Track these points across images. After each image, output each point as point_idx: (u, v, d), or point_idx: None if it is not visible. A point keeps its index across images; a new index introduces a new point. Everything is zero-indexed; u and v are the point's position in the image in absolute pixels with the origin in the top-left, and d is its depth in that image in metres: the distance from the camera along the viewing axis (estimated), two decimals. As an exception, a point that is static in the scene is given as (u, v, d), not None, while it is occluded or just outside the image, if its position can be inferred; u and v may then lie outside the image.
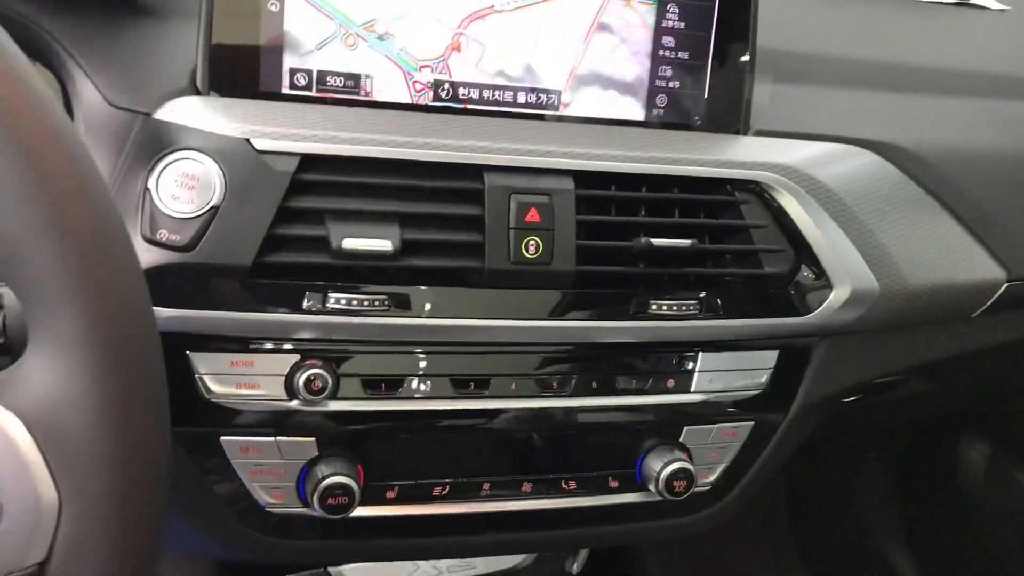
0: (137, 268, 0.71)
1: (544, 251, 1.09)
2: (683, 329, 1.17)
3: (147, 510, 0.69)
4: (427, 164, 1.07)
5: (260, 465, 1.08)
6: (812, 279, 1.22)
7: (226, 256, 1.00)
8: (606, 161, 1.13)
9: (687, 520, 1.30)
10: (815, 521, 2.53)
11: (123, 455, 0.66)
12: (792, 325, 1.22)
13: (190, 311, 1.00)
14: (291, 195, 1.02)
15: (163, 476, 0.71)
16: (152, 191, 0.99)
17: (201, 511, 1.11)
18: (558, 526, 1.23)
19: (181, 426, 1.03)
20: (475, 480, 1.17)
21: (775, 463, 1.31)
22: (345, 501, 1.07)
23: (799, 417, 1.29)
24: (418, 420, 1.12)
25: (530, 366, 1.14)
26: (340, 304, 1.04)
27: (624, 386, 1.18)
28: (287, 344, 1.06)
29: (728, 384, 1.22)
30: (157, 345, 0.72)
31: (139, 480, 0.68)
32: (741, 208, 1.19)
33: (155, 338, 0.71)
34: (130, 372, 0.67)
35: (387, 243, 1.03)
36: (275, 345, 1.05)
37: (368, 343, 1.08)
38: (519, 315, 1.10)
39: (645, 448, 1.22)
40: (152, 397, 0.70)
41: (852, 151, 1.29)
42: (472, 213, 1.08)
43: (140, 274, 0.72)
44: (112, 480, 0.65)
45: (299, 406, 1.06)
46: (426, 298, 1.07)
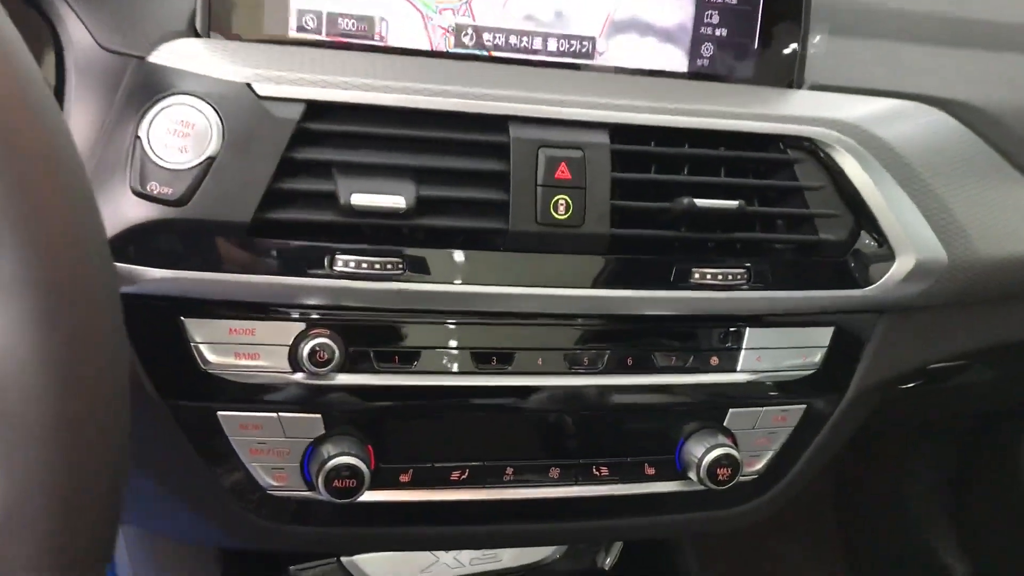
0: (90, 201, 0.62)
1: (575, 212, 0.98)
2: (728, 301, 1.06)
3: (98, 481, 0.59)
4: (447, 114, 0.97)
5: (261, 443, 0.98)
6: (872, 248, 1.11)
7: (223, 212, 0.91)
8: (645, 114, 1.02)
9: (731, 513, 1.18)
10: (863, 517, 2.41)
11: (68, 415, 0.56)
12: (849, 299, 1.10)
13: (184, 272, 0.91)
14: (295, 146, 0.93)
15: (119, 442, 0.61)
16: (143, 140, 0.90)
17: (197, 493, 1.02)
18: (588, 516, 1.13)
19: (175, 399, 0.96)
20: (497, 464, 1.06)
21: (827, 451, 1.20)
22: (353, 484, 0.97)
23: (855, 402, 1.17)
24: (434, 397, 1.02)
25: (558, 340, 1.04)
26: (349, 267, 0.94)
27: (662, 364, 1.07)
28: (291, 311, 0.96)
29: (777, 363, 1.11)
30: (114, 291, 0.62)
31: (89, 445, 0.58)
32: (795, 168, 1.08)
33: (111, 282, 0.62)
34: (78, 319, 0.57)
35: (400, 200, 0.93)
36: (278, 312, 0.96)
37: (380, 311, 0.98)
38: (546, 283, 1.00)
39: (685, 433, 1.11)
40: (106, 349, 0.60)
41: (918, 108, 1.18)
42: (496, 168, 0.98)
43: (94, 208, 0.62)
44: (53, 444, 0.56)
45: (304, 379, 0.97)
46: (444, 262, 0.97)
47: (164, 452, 0.99)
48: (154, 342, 0.94)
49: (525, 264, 0.99)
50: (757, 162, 1.08)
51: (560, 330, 1.04)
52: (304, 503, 1.03)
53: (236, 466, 0.99)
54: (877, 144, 1.10)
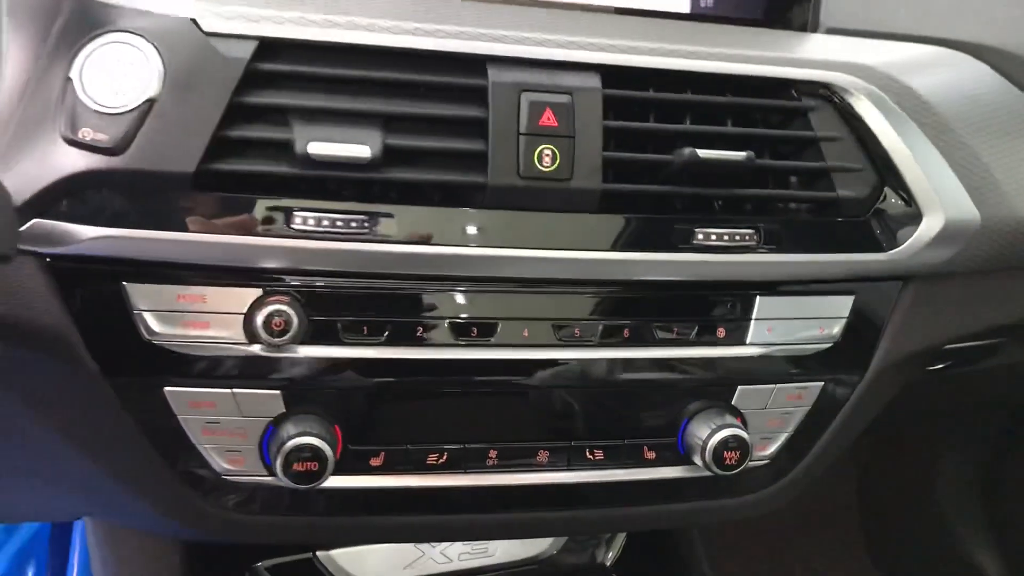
0: None
1: (562, 163, 0.88)
2: (736, 265, 0.95)
3: None
4: (418, 54, 0.88)
5: (214, 423, 0.89)
6: (897, 207, 1.00)
7: (164, 161, 0.81)
8: (642, 56, 0.92)
9: (741, 502, 1.08)
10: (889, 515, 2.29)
11: None
12: (871, 263, 1.00)
13: (122, 230, 0.82)
14: (246, 88, 0.83)
15: None
16: (75, 82, 0.81)
17: (144, 479, 0.92)
18: (581, 505, 1.03)
19: (117, 374, 0.86)
20: (478, 447, 0.96)
21: (847, 435, 1.09)
22: (315, 468, 0.87)
23: (877, 380, 1.06)
24: (407, 373, 0.92)
25: (545, 308, 0.94)
26: (308, 225, 0.85)
27: (662, 336, 0.97)
28: (245, 275, 0.86)
29: (791, 336, 1.00)
30: None
31: None
32: (809, 117, 0.97)
33: None
34: None
35: (364, 149, 0.84)
36: (231, 276, 0.86)
37: (345, 276, 0.88)
38: (531, 244, 0.90)
39: (689, 413, 1.00)
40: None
41: (949, 56, 1.07)
42: (473, 115, 0.88)
43: None
44: None
45: (261, 352, 0.87)
46: (415, 220, 0.88)
47: (107, 434, 0.89)
48: (93, 310, 0.85)
49: (507, 223, 0.89)
50: (767, 111, 0.98)
51: (547, 298, 0.93)
52: (263, 489, 0.93)
53: (187, 449, 0.89)
54: (902, 92, 1.00)
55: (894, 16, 1.07)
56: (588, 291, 0.94)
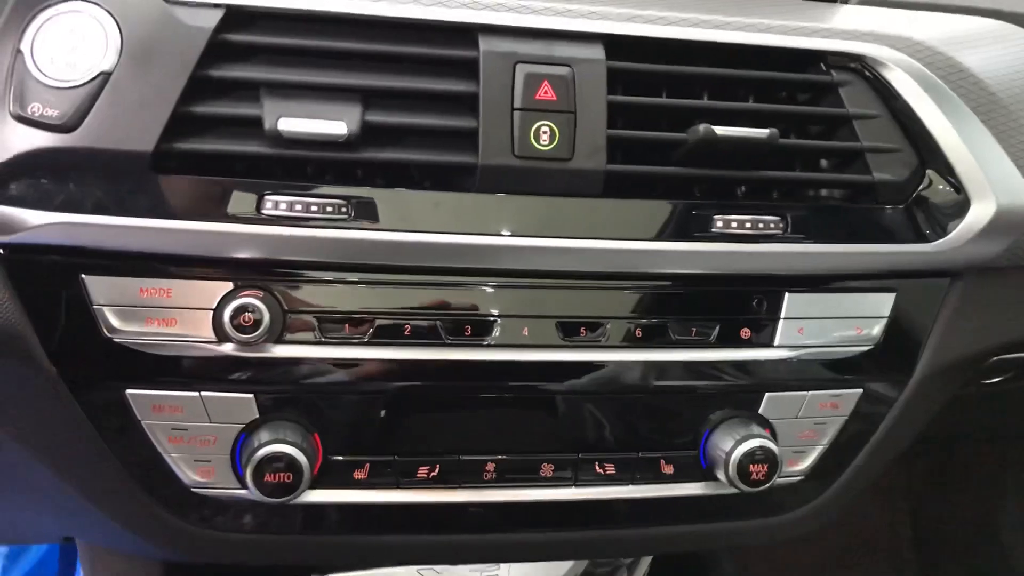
0: None
1: (562, 141, 0.80)
2: (760, 257, 0.86)
3: None
4: (402, 24, 0.80)
5: (181, 430, 0.81)
6: (942, 192, 0.90)
7: (120, 139, 0.75)
8: (651, 24, 0.84)
9: (770, 523, 0.97)
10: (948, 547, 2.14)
11: None
12: (913, 256, 0.90)
13: (77, 216, 0.75)
14: (210, 60, 0.77)
15: None
16: (25, 54, 0.75)
17: (106, 491, 0.85)
18: (590, 525, 0.93)
19: (74, 375, 0.79)
20: (474, 459, 0.87)
21: (890, 450, 0.98)
22: (289, 479, 0.79)
23: (923, 388, 0.96)
24: (394, 376, 0.84)
25: (547, 304, 0.85)
26: (280, 210, 0.77)
27: (679, 336, 0.87)
28: (214, 267, 0.79)
29: (825, 337, 0.90)
30: None
31: None
32: (840, 93, 0.88)
33: None
34: None
35: (340, 125, 0.77)
36: (199, 268, 0.79)
37: (323, 267, 0.80)
38: (529, 231, 0.82)
39: (711, 423, 0.91)
40: None
41: (1002, 28, 0.96)
42: (463, 89, 0.81)
43: None
44: None
45: (232, 351, 0.79)
46: (399, 205, 0.80)
47: (65, 440, 0.82)
48: (49, 305, 0.78)
49: (502, 207, 0.81)
50: (793, 86, 0.89)
51: (549, 293, 0.84)
52: (236, 504, 0.85)
53: (151, 457, 0.82)
54: (948, 66, 0.90)
55: (936, -15, 0.98)
56: (594, 285, 0.85)
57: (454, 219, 0.80)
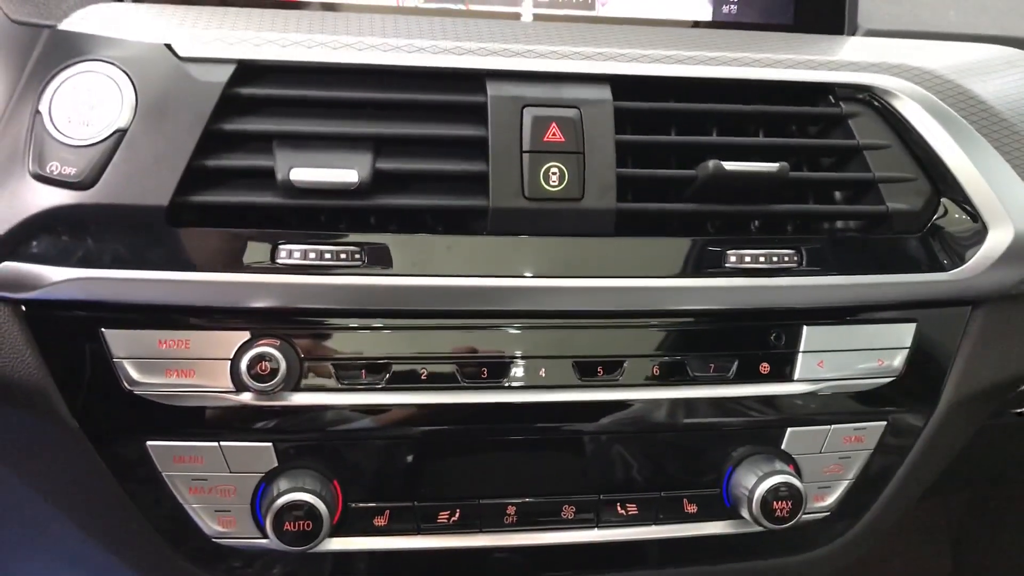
0: None
1: (571, 182, 0.80)
2: (776, 291, 0.85)
3: None
4: (409, 72, 0.82)
5: (201, 480, 0.81)
6: (958, 220, 0.89)
7: (136, 194, 0.76)
8: (657, 64, 0.84)
9: (798, 561, 0.95)
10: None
11: None
12: (932, 285, 0.89)
13: (95, 271, 0.76)
14: (223, 114, 0.78)
15: None
16: (43, 115, 0.77)
17: (127, 543, 0.85)
18: (615, 566, 0.92)
19: (96, 427, 0.80)
20: (495, 503, 0.86)
21: (918, 484, 0.96)
22: (309, 527, 0.79)
23: (949, 419, 0.94)
24: (412, 421, 0.83)
25: (564, 345, 0.84)
26: (294, 258, 0.78)
27: (697, 372, 0.86)
28: (230, 317, 0.79)
29: (846, 370, 0.89)
30: None
31: None
32: (850, 124, 0.88)
33: None
34: None
35: (351, 174, 0.77)
36: (215, 319, 0.79)
37: (338, 314, 0.81)
38: (542, 272, 0.82)
39: (734, 460, 0.89)
40: None
41: (1011, 55, 0.97)
42: (471, 134, 0.81)
43: None
44: None
45: (250, 400, 0.80)
46: (412, 250, 0.80)
47: (88, 493, 0.83)
48: (70, 359, 0.79)
49: (514, 249, 0.82)
50: (802, 119, 0.89)
51: (565, 333, 0.84)
52: (257, 554, 0.85)
53: (173, 508, 0.82)
54: (958, 94, 0.90)
55: (943, 15, 0.98)
56: (610, 324, 0.85)
57: (467, 262, 0.81)
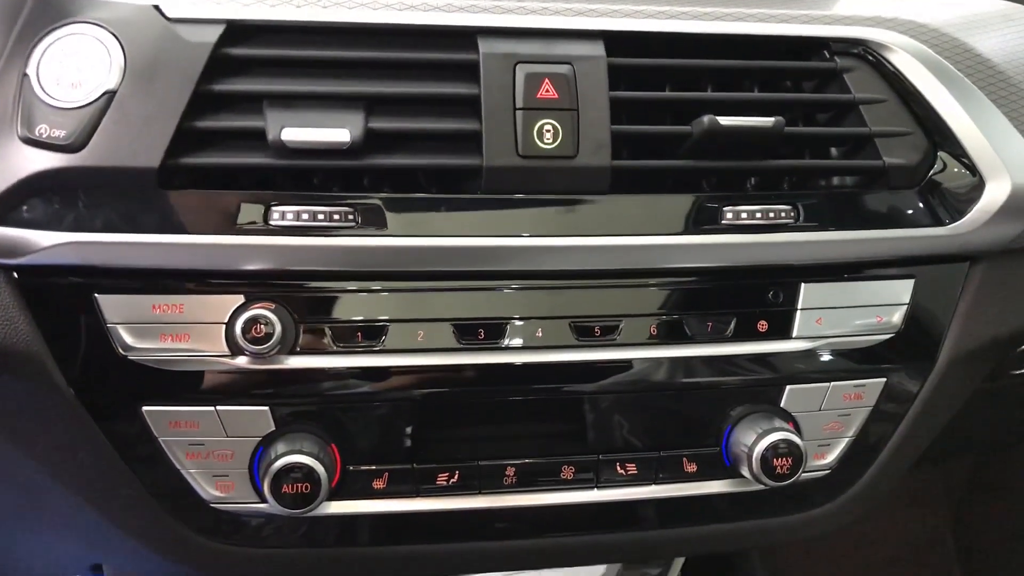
0: None
1: (565, 139, 0.80)
2: (773, 247, 0.85)
3: None
4: (401, 31, 0.81)
5: (198, 445, 0.81)
6: (956, 174, 0.89)
7: (126, 156, 0.76)
8: (650, 19, 0.84)
9: (799, 520, 0.95)
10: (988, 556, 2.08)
11: None
12: (929, 240, 0.88)
13: (87, 235, 0.76)
14: (212, 75, 0.78)
15: None
16: (31, 78, 0.76)
17: (126, 511, 0.84)
18: (615, 527, 0.91)
19: (90, 393, 0.79)
20: (494, 464, 0.86)
21: (920, 439, 0.96)
22: (307, 489, 0.78)
23: (949, 375, 0.93)
24: (409, 383, 0.83)
25: (560, 305, 0.84)
26: (287, 220, 0.77)
27: (695, 331, 0.86)
28: (224, 280, 0.79)
29: (845, 327, 0.89)
30: None
31: None
32: (846, 79, 0.87)
33: None
34: None
35: (343, 133, 0.77)
36: (209, 283, 0.79)
37: (333, 276, 0.80)
38: (537, 231, 0.81)
39: (733, 418, 0.89)
40: None
41: (1010, 9, 0.96)
42: (464, 92, 0.81)
43: None
44: None
45: (246, 364, 0.79)
46: (406, 209, 0.80)
47: (85, 461, 0.82)
48: (63, 325, 0.78)
49: (509, 209, 0.81)
50: (797, 75, 0.89)
51: (561, 293, 0.84)
52: (257, 518, 0.84)
53: (170, 474, 0.82)
54: (957, 49, 0.90)
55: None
56: (607, 284, 0.84)
57: (461, 222, 0.80)
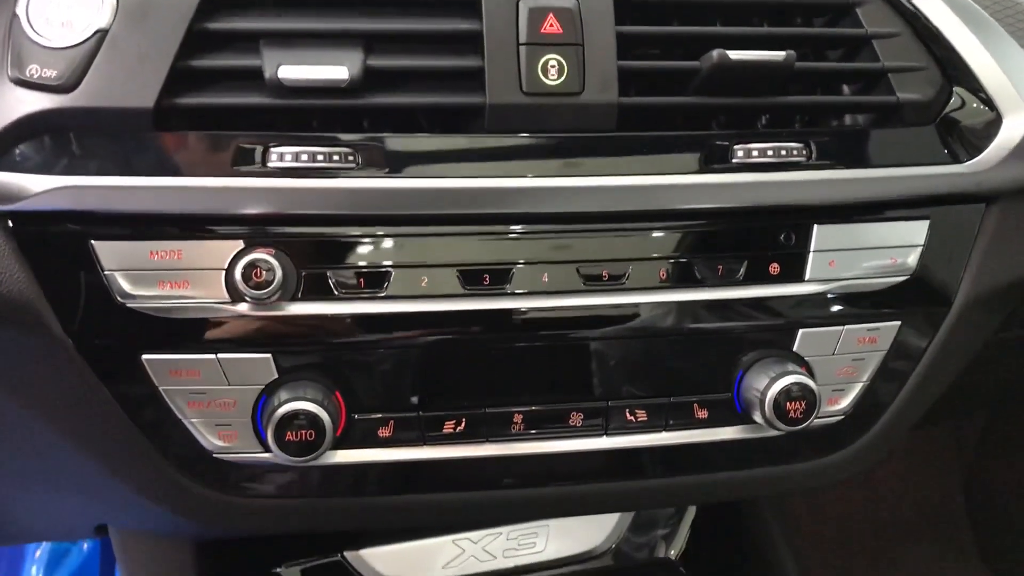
0: None
1: (571, 75, 0.78)
2: (784, 187, 0.83)
3: None
4: None
5: (199, 393, 0.79)
6: (972, 110, 0.86)
7: (120, 96, 0.74)
8: None
9: (813, 467, 0.93)
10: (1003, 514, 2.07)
11: None
12: (944, 178, 0.86)
13: (81, 178, 0.74)
14: (207, 13, 0.76)
15: None
16: (20, 17, 0.74)
17: (126, 460, 0.83)
18: (624, 475, 0.90)
19: (89, 342, 0.77)
20: (501, 411, 0.84)
21: (935, 385, 0.94)
22: (311, 437, 0.77)
23: (965, 318, 0.91)
24: (414, 329, 0.81)
25: (567, 249, 0.82)
26: (286, 161, 0.76)
27: (705, 275, 0.84)
28: (223, 226, 0.77)
29: (858, 269, 0.86)
30: None
31: None
32: (858, 14, 0.84)
33: None
34: None
35: (342, 71, 0.75)
36: (208, 228, 0.77)
37: (334, 220, 0.78)
38: (542, 171, 0.79)
39: (744, 364, 0.87)
40: None
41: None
42: (465, 28, 0.79)
43: None
44: None
45: (246, 310, 0.77)
46: (408, 151, 0.78)
47: (83, 412, 0.80)
48: (60, 273, 0.76)
49: (513, 148, 0.79)
50: (808, 9, 0.86)
51: (568, 236, 0.82)
52: (260, 468, 0.83)
53: (172, 424, 0.80)
54: None
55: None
56: (615, 227, 0.82)
57: (464, 162, 0.78)
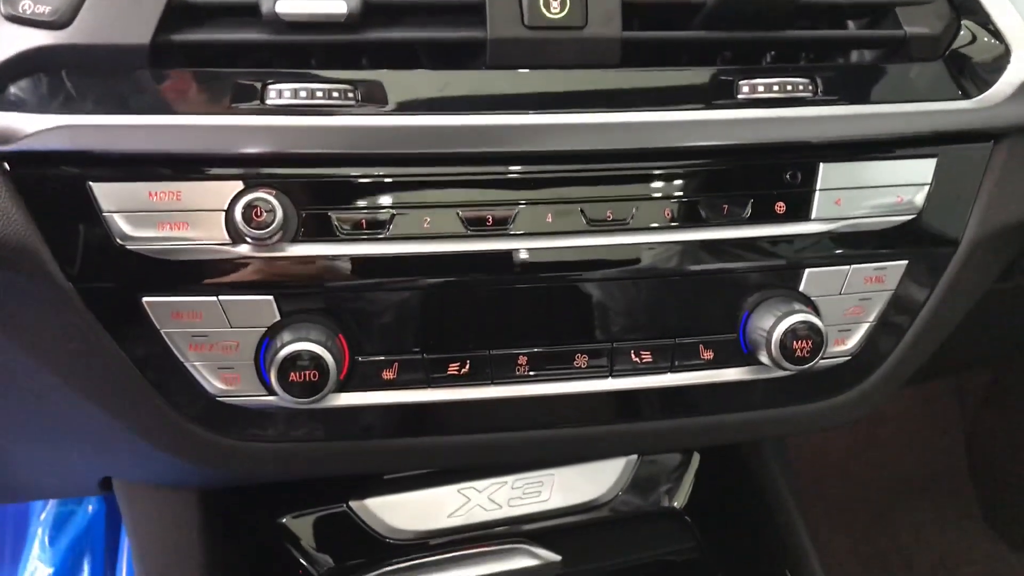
0: None
1: (574, 8, 0.77)
2: (790, 123, 0.82)
3: None
4: None
5: (201, 336, 0.79)
6: (980, 44, 0.85)
7: (114, 33, 0.73)
8: None
9: (818, 408, 0.93)
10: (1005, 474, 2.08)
11: None
12: (952, 114, 0.85)
13: (77, 117, 0.73)
14: None
15: None
16: (12, -49, 0.72)
17: (128, 404, 0.82)
18: (629, 418, 0.89)
19: (89, 286, 0.77)
20: (505, 353, 0.84)
21: (942, 326, 0.93)
22: (315, 377, 0.76)
23: (972, 258, 0.91)
24: (417, 271, 0.80)
25: (571, 188, 0.81)
26: (284, 98, 0.75)
27: (710, 214, 0.83)
28: (223, 166, 0.76)
29: (864, 207, 0.86)
30: None
31: None
32: None
33: None
34: None
35: (340, 4, 0.74)
36: (207, 168, 0.76)
37: (334, 159, 0.77)
38: (545, 106, 0.78)
39: (750, 304, 0.86)
40: None
41: None
42: None
43: None
44: None
45: (247, 251, 0.76)
46: (409, 86, 0.77)
47: (84, 356, 0.80)
48: (58, 215, 0.75)
49: (515, 84, 0.78)
50: None
51: (571, 176, 0.81)
52: (263, 411, 0.82)
53: (173, 367, 0.79)
54: None
55: None
56: (619, 164, 0.81)
57: (466, 98, 0.77)
